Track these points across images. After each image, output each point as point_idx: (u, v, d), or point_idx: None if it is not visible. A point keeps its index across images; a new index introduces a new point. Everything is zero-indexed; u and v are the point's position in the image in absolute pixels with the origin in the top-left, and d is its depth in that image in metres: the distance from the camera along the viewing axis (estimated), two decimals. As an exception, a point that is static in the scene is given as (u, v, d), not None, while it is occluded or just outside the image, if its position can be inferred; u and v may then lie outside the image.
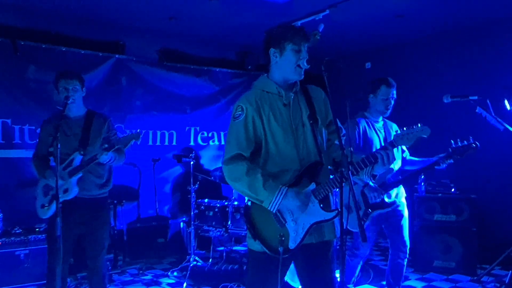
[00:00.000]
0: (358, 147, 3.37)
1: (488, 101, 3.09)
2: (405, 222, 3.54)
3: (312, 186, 2.22)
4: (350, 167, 1.98)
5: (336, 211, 2.21)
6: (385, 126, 3.59)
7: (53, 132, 2.78)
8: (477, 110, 3.11)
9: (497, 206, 5.23)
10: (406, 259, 3.56)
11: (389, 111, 3.51)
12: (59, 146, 2.70)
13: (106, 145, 2.96)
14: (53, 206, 3.03)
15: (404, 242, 3.52)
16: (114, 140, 3.04)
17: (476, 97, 3.08)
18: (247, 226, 2.26)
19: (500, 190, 5.21)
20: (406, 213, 3.57)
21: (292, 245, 2.18)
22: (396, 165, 3.49)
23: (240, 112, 2.26)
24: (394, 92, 3.48)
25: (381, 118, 3.59)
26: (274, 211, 2.17)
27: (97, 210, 3.26)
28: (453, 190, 4.87)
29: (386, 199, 3.36)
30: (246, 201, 2.32)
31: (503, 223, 5.18)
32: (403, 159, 3.60)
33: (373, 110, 3.55)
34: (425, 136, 2.20)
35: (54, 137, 2.72)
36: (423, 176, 4.87)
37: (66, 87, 3.14)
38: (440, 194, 4.86)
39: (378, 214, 3.37)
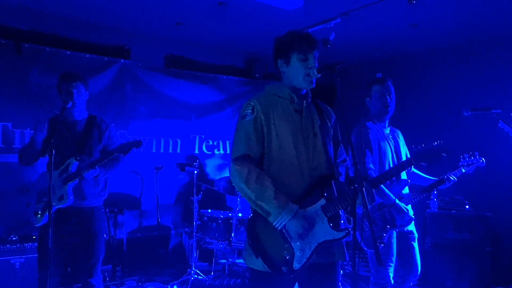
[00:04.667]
0: (374, 160, 3.04)
1: (512, 115, 2.92)
2: (416, 243, 3.24)
3: (322, 201, 2.07)
4: (365, 184, 1.81)
5: (346, 231, 2.05)
6: (392, 133, 3.29)
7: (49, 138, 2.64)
8: (499, 125, 2.94)
9: (513, 225, 4.99)
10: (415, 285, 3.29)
11: (390, 110, 3.20)
12: (54, 152, 2.56)
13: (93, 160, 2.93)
14: (46, 214, 2.90)
15: (416, 264, 3.21)
16: (110, 150, 2.95)
17: (499, 110, 2.92)
18: (249, 242, 2.09)
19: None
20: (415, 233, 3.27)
21: (297, 265, 2.02)
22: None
23: (249, 111, 2.11)
24: (391, 88, 3.21)
25: (387, 123, 3.28)
26: (279, 228, 2.02)
27: (92, 220, 3.10)
28: (467, 207, 4.67)
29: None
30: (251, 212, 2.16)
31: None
32: (408, 172, 3.24)
33: (375, 115, 3.24)
34: (444, 155, 2.04)
35: (48, 143, 2.57)
36: (435, 192, 4.68)
37: (70, 90, 3.02)
38: (453, 211, 4.66)
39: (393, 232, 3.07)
